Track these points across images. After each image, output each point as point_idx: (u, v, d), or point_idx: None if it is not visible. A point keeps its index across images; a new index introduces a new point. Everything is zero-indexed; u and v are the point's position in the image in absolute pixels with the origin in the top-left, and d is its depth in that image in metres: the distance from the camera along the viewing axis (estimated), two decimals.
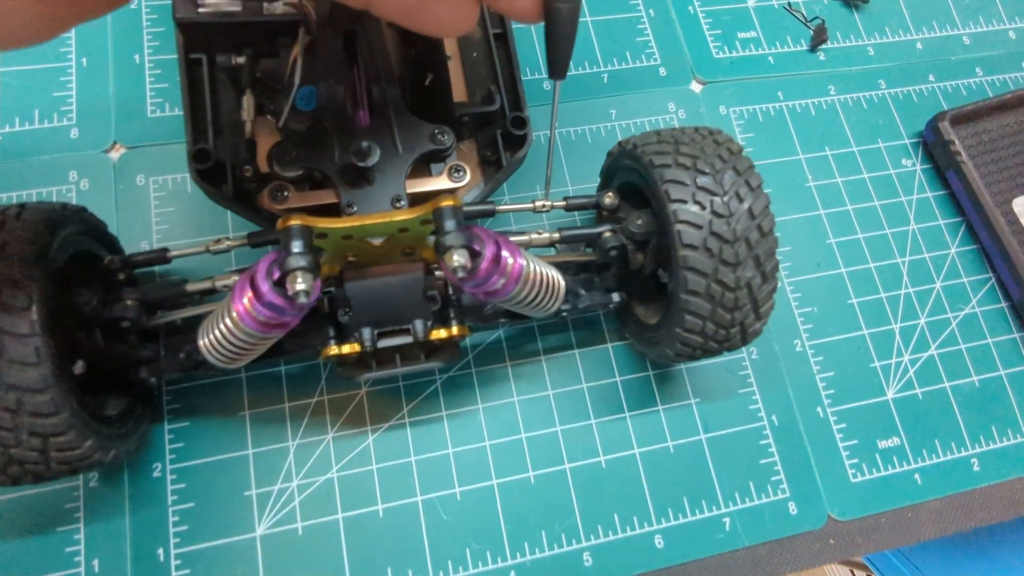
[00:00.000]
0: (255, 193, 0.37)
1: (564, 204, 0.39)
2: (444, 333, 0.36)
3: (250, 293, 0.29)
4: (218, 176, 0.37)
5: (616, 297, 0.41)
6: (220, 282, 0.35)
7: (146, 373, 0.36)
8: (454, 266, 0.30)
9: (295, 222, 0.30)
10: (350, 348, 0.35)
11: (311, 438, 0.41)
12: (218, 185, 0.37)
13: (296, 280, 0.29)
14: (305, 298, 0.29)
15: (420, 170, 0.39)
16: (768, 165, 0.51)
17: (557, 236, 0.38)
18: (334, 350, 0.35)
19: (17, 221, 0.31)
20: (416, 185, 0.38)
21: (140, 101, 0.46)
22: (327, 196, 0.37)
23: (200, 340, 0.32)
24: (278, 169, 0.37)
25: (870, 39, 0.57)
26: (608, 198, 0.40)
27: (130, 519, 0.38)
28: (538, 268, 0.34)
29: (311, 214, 0.36)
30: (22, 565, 0.37)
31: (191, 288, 0.36)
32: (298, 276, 0.29)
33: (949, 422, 0.47)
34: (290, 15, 0.34)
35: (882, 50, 0.57)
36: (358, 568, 0.39)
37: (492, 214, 0.37)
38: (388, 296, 0.36)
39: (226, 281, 0.35)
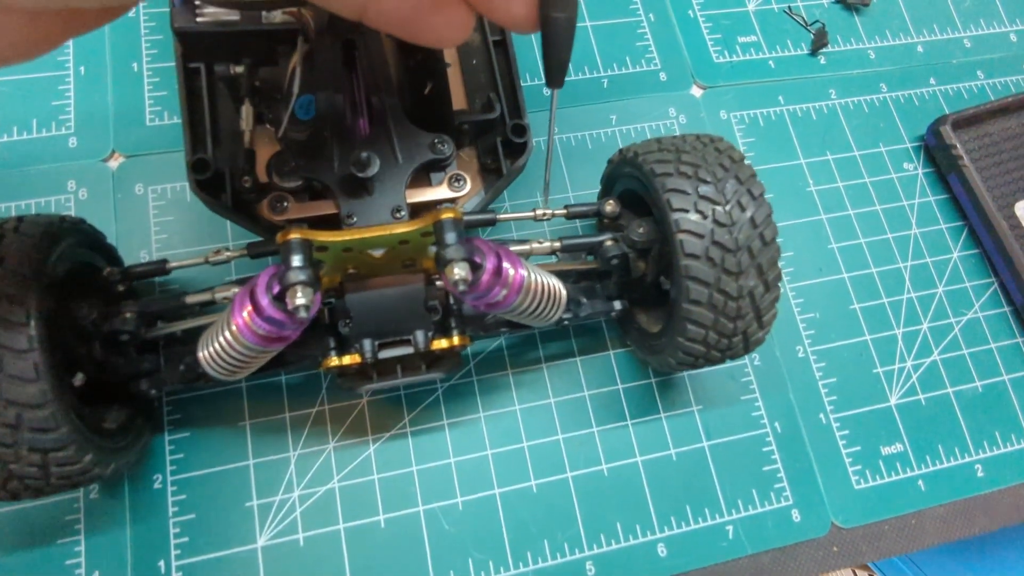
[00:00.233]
0: (254, 203, 0.37)
1: (565, 212, 0.39)
2: (445, 343, 0.36)
3: (250, 307, 0.29)
4: (217, 186, 0.37)
5: (618, 305, 0.41)
6: (220, 294, 0.35)
7: (146, 385, 0.36)
8: (455, 279, 0.30)
9: (295, 236, 0.30)
10: (351, 359, 0.35)
11: (312, 448, 0.41)
12: (217, 195, 0.36)
13: (296, 294, 0.29)
14: (305, 312, 0.29)
15: (420, 179, 0.39)
16: (769, 170, 0.51)
17: (558, 245, 0.38)
18: (334, 361, 0.35)
19: (14, 235, 0.30)
20: (416, 195, 0.38)
21: (139, 110, 0.46)
22: (327, 206, 0.37)
23: (200, 353, 0.32)
24: (277, 180, 0.37)
25: (871, 42, 0.57)
26: (609, 206, 0.39)
27: (131, 531, 0.38)
28: (539, 278, 0.33)
29: (311, 225, 0.36)
30: None
31: (190, 300, 0.35)
32: (298, 290, 0.29)
33: (952, 428, 0.47)
34: (288, 24, 0.34)
35: (883, 53, 0.56)
36: None
37: (493, 223, 0.37)
38: (389, 307, 0.35)
39: (225, 293, 0.35)
